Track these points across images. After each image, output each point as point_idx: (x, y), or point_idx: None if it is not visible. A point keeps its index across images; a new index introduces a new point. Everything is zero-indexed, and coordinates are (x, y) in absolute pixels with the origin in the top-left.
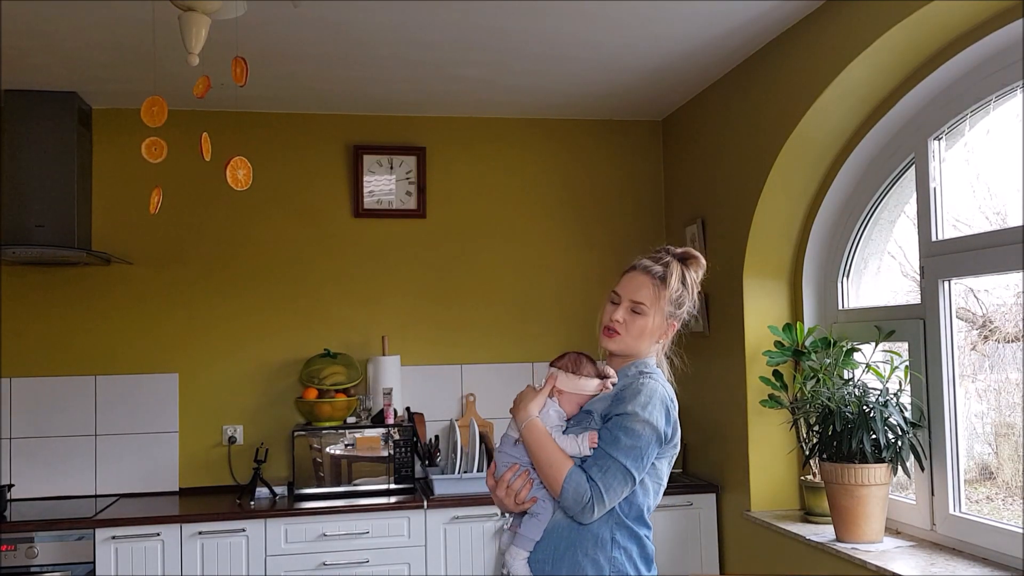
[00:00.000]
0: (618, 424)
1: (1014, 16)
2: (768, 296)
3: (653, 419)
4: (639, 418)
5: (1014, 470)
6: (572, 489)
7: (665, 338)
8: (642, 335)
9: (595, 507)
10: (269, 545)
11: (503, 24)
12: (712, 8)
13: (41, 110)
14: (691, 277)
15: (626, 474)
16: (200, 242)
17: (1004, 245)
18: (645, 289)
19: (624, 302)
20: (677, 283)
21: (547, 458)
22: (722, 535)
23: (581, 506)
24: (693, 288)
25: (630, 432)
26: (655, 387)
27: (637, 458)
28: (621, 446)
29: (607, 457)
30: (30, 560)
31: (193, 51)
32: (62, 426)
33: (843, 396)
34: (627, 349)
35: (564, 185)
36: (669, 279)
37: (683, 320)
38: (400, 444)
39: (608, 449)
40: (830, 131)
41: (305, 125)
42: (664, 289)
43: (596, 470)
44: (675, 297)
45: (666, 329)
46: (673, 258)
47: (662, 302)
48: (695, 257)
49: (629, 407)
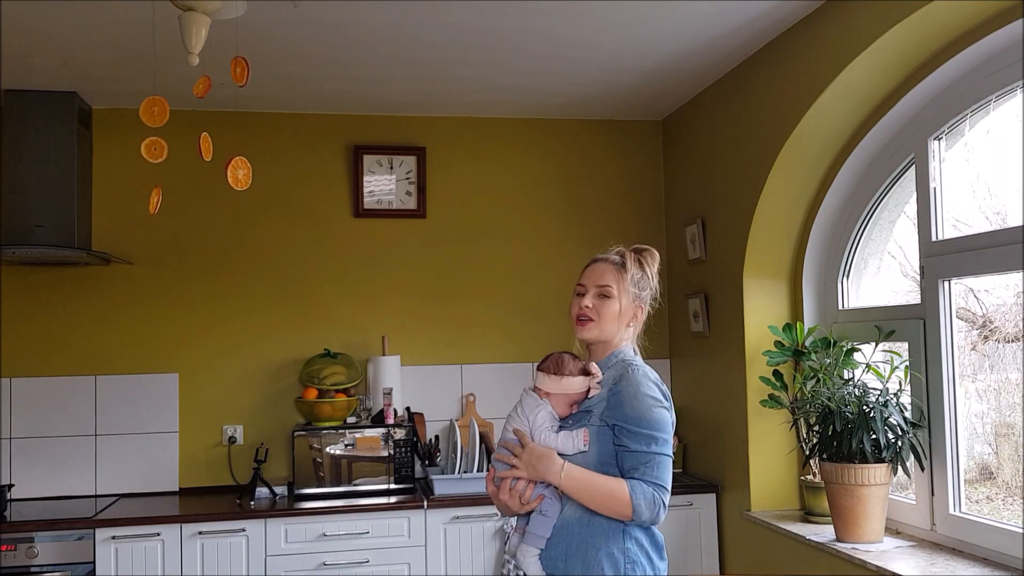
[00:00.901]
0: (640, 423)
1: (1014, 16)
2: (768, 296)
3: (662, 401)
4: (650, 406)
5: (1014, 470)
6: (643, 504)
7: (636, 322)
8: (614, 318)
9: (665, 504)
10: (269, 545)
11: (503, 24)
12: (712, 8)
13: (41, 110)
14: (647, 265)
15: (668, 459)
16: (200, 242)
17: (1004, 245)
18: (608, 273)
19: (591, 289)
20: (635, 267)
21: (600, 493)
22: (722, 535)
23: (655, 512)
24: (652, 275)
25: (652, 423)
26: (644, 373)
27: (667, 442)
28: (655, 439)
29: (648, 455)
30: (30, 560)
31: (193, 51)
32: (62, 426)
33: (843, 396)
34: (602, 335)
35: (564, 185)
36: (627, 263)
37: (648, 305)
38: (400, 444)
39: (645, 447)
40: (830, 131)
41: (305, 125)
42: (625, 272)
43: (648, 471)
44: (637, 279)
45: (635, 312)
46: (627, 248)
47: (626, 283)
48: (646, 248)
49: (637, 403)
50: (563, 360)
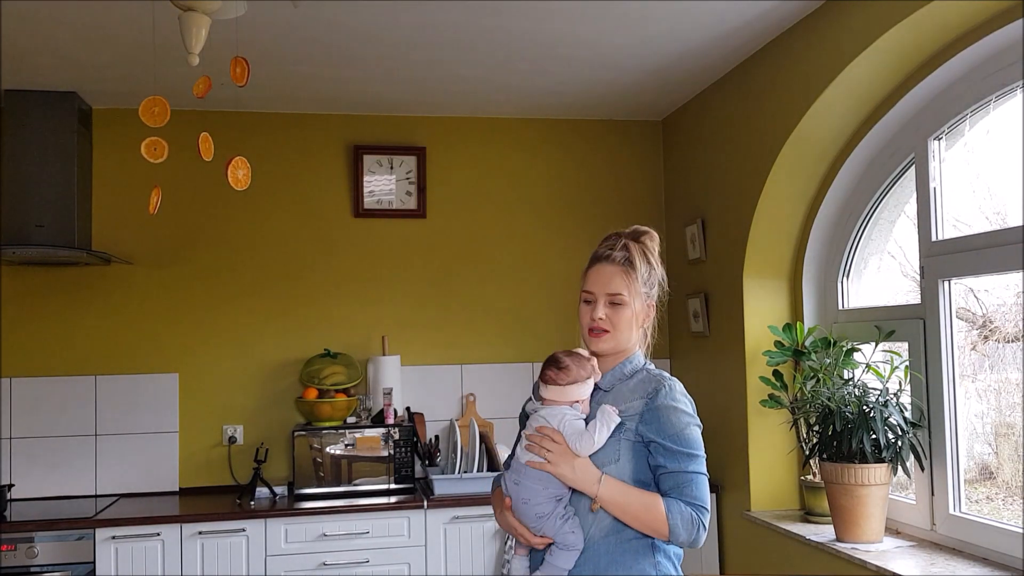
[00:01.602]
0: (678, 441)
1: (1014, 16)
2: (768, 296)
3: (697, 420)
4: (692, 426)
5: (1014, 470)
6: (680, 524)
7: (648, 322)
8: (629, 326)
9: (704, 524)
10: (269, 545)
11: (503, 24)
12: (712, 8)
13: (41, 110)
14: (650, 252)
15: (706, 478)
16: (200, 242)
17: (1004, 245)
18: (617, 279)
19: (600, 298)
20: (642, 263)
21: (638, 507)
22: (722, 535)
23: (694, 533)
24: (657, 264)
25: (692, 442)
26: (680, 389)
27: (703, 459)
28: (693, 458)
29: (689, 475)
30: (30, 560)
31: (193, 51)
32: (62, 426)
33: (843, 396)
34: (617, 345)
35: (564, 185)
36: (635, 261)
37: (656, 299)
38: (400, 444)
39: (686, 467)
40: (830, 131)
41: (305, 125)
42: (634, 272)
43: (687, 490)
44: (646, 277)
45: (648, 312)
46: (627, 239)
47: (636, 286)
48: (645, 232)
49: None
50: (564, 365)
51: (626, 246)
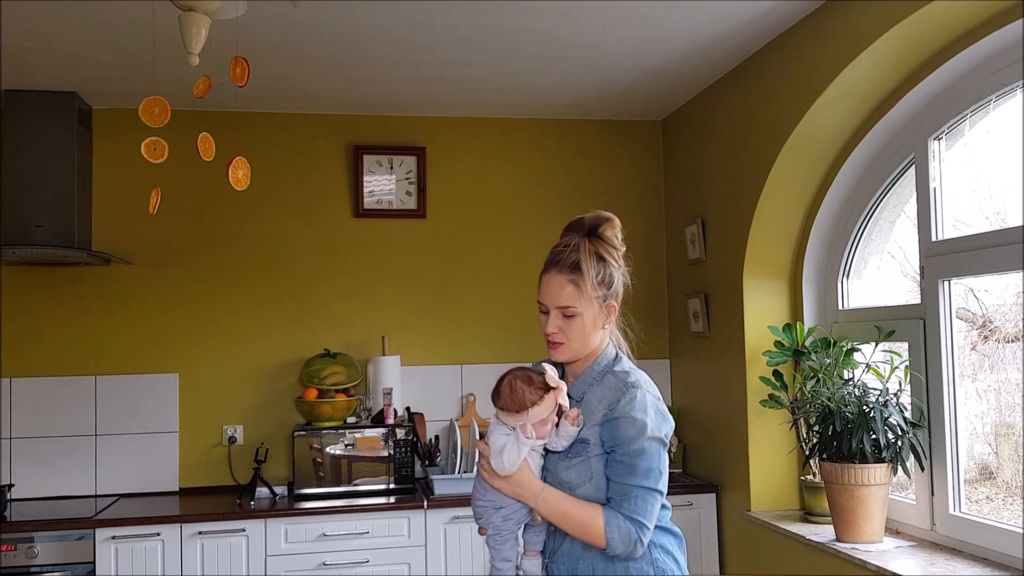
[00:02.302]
0: (627, 453)
1: (1014, 16)
2: (768, 296)
3: (656, 433)
4: (645, 438)
5: (1014, 470)
6: (617, 537)
7: (609, 322)
8: (585, 335)
9: (642, 540)
10: (269, 545)
11: (503, 24)
12: (712, 8)
13: (41, 110)
14: (607, 245)
15: (654, 494)
16: (200, 242)
17: (1004, 245)
18: (565, 289)
19: (552, 310)
20: (594, 264)
21: (576, 522)
22: (722, 535)
23: (631, 547)
24: (616, 254)
25: (642, 455)
26: (642, 397)
27: (657, 476)
28: (640, 471)
29: (632, 488)
30: (30, 560)
31: (193, 51)
32: (62, 426)
33: (843, 396)
34: (577, 354)
35: (564, 185)
36: (583, 265)
37: (621, 293)
38: (400, 444)
39: (630, 481)
40: (830, 131)
41: (305, 125)
42: (583, 279)
43: (628, 504)
44: (598, 280)
45: (607, 313)
46: (580, 236)
47: (587, 292)
48: (604, 221)
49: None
50: (519, 391)
51: (576, 247)
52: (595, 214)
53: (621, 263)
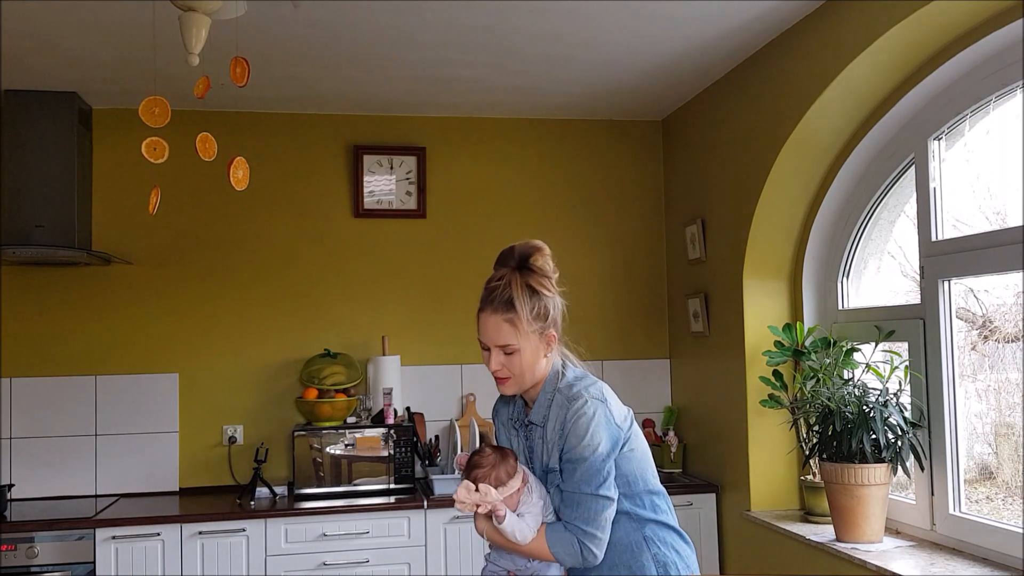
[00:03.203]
0: (570, 460)
1: (1014, 16)
2: (768, 296)
3: (598, 445)
4: (584, 446)
5: (1014, 470)
6: (560, 548)
7: (550, 351)
8: (528, 367)
9: (591, 545)
10: (269, 545)
11: (503, 24)
12: (712, 8)
13: (41, 110)
14: (539, 276)
15: (596, 498)
16: (200, 242)
17: (1004, 245)
18: (502, 328)
19: (492, 349)
20: (527, 300)
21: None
22: (722, 535)
23: (579, 556)
24: (549, 283)
25: (581, 462)
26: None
27: (600, 482)
28: (578, 477)
29: (571, 494)
30: (30, 560)
31: (193, 51)
32: (62, 426)
33: (843, 396)
34: (524, 385)
35: (564, 185)
36: (516, 303)
37: (559, 319)
38: (400, 444)
39: (569, 488)
40: (830, 131)
41: (305, 125)
42: (518, 316)
43: (570, 511)
44: (533, 315)
45: (547, 343)
46: (511, 269)
47: (524, 328)
48: (535, 249)
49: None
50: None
51: (508, 284)
52: (524, 244)
53: (555, 290)
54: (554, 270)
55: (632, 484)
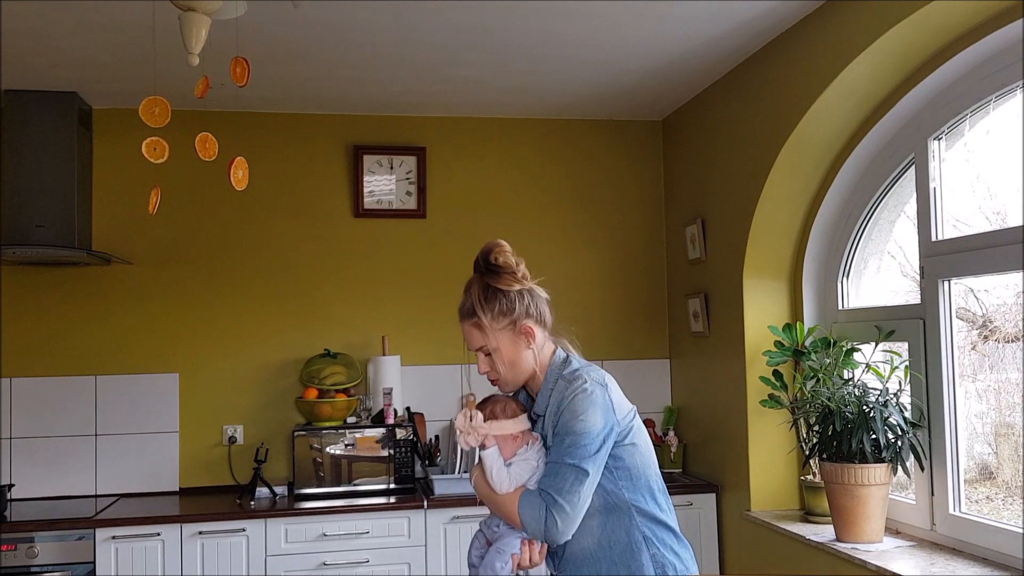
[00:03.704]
0: (558, 434)
1: (1014, 16)
2: (768, 296)
3: (589, 421)
4: (578, 423)
5: (1014, 470)
6: (527, 511)
7: (533, 340)
8: (511, 364)
9: (557, 516)
10: (269, 545)
11: (503, 24)
12: (712, 8)
13: (41, 110)
14: (500, 273)
15: (576, 470)
16: (200, 242)
17: (1004, 245)
18: (473, 333)
19: (477, 353)
20: (484, 301)
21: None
22: (722, 535)
23: (542, 523)
24: (511, 278)
25: (569, 434)
26: (580, 385)
27: (582, 455)
28: (562, 449)
29: (552, 464)
30: (30, 560)
31: (193, 51)
32: (62, 426)
33: (843, 396)
34: (517, 380)
35: (564, 185)
36: (476, 309)
37: (534, 307)
38: (400, 444)
39: (552, 458)
40: (830, 131)
41: (305, 125)
42: (481, 319)
43: (545, 480)
44: (496, 313)
45: (524, 332)
46: (475, 276)
47: (490, 328)
48: (492, 247)
49: (567, 414)
50: (493, 407)
51: (469, 291)
52: (484, 246)
53: (521, 282)
54: (518, 262)
55: (635, 478)
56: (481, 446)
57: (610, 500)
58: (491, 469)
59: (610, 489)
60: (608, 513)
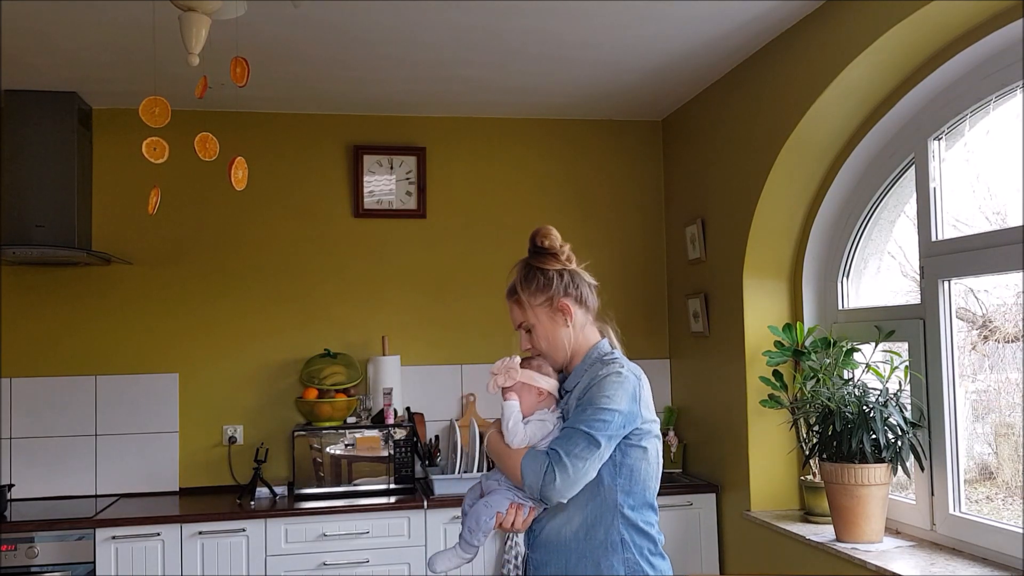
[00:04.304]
0: (580, 404)
1: (1014, 16)
2: (768, 296)
3: (615, 401)
4: (602, 400)
5: (1014, 470)
6: (530, 463)
7: (571, 317)
8: (550, 341)
9: (556, 471)
10: (269, 545)
11: (503, 24)
12: (712, 8)
13: (41, 110)
14: (543, 255)
15: (588, 438)
16: (200, 242)
17: (1004, 245)
18: (515, 310)
19: (519, 331)
20: (524, 281)
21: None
22: (722, 535)
23: (540, 477)
24: (554, 259)
25: (592, 405)
26: (617, 370)
27: (600, 427)
28: (582, 417)
29: (567, 428)
30: (30, 560)
31: (193, 51)
32: (62, 426)
33: (843, 396)
34: (557, 357)
35: (564, 185)
36: (516, 286)
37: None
38: (400, 444)
39: (568, 423)
40: (830, 131)
41: (305, 125)
42: (520, 295)
43: (555, 440)
44: (534, 289)
45: (563, 311)
46: (517, 264)
47: (530, 304)
48: (536, 233)
49: (594, 396)
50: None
51: (512, 273)
52: (534, 230)
53: (564, 263)
54: (562, 245)
55: (634, 482)
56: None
57: (601, 494)
58: (508, 419)
59: (607, 483)
60: (595, 507)
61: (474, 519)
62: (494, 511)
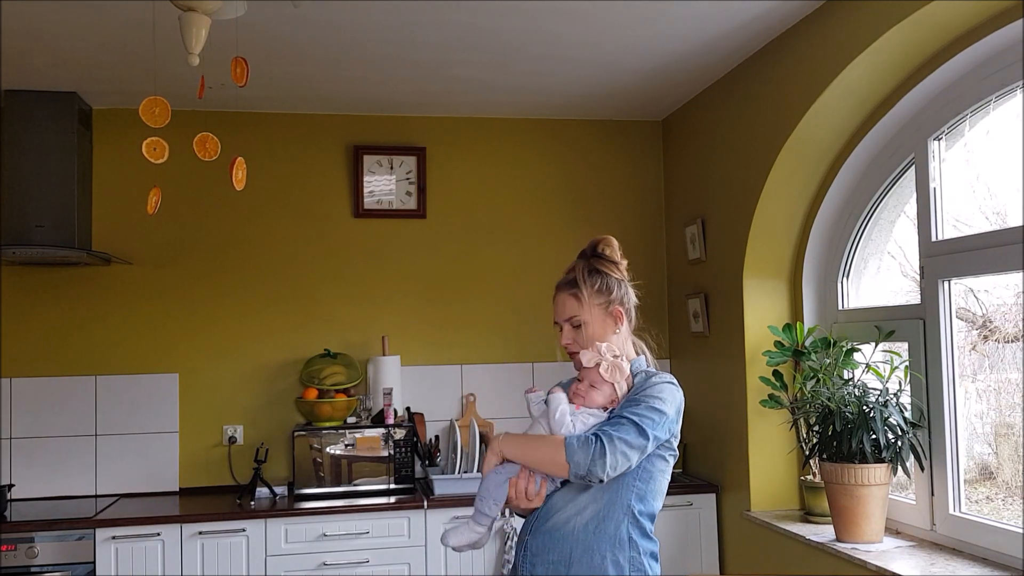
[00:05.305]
0: (631, 400)
1: (1014, 16)
2: (768, 296)
3: (666, 403)
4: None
5: (1014, 470)
6: (577, 444)
7: (620, 323)
8: (594, 340)
9: (607, 447)
10: (269, 545)
11: (503, 24)
12: (712, 8)
13: (41, 110)
14: (605, 261)
15: (639, 428)
16: (200, 242)
17: (1004, 245)
18: (568, 303)
19: (563, 324)
20: (588, 277)
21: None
22: (722, 535)
23: (590, 455)
24: (614, 268)
25: (644, 403)
26: (671, 384)
27: (650, 423)
28: (635, 410)
29: (616, 417)
30: (30, 560)
31: (193, 51)
32: (62, 426)
33: (843, 396)
34: None
35: (564, 185)
36: (579, 279)
37: (629, 300)
38: (400, 444)
39: (618, 413)
40: (830, 131)
41: (305, 125)
42: (581, 291)
43: (605, 426)
44: (595, 289)
45: (615, 317)
46: (578, 259)
47: (588, 302)
48: (600, 240)
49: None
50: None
51: (573, 268)
52: (593, 238)
53: (623, 275)
54: (621, 258)
55: (648, 490)
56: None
57: (617, 493)
58: (556, 408)
59: (625, 482)
60: (609, 502)
61: (486, 487)
62: (506, 477)
